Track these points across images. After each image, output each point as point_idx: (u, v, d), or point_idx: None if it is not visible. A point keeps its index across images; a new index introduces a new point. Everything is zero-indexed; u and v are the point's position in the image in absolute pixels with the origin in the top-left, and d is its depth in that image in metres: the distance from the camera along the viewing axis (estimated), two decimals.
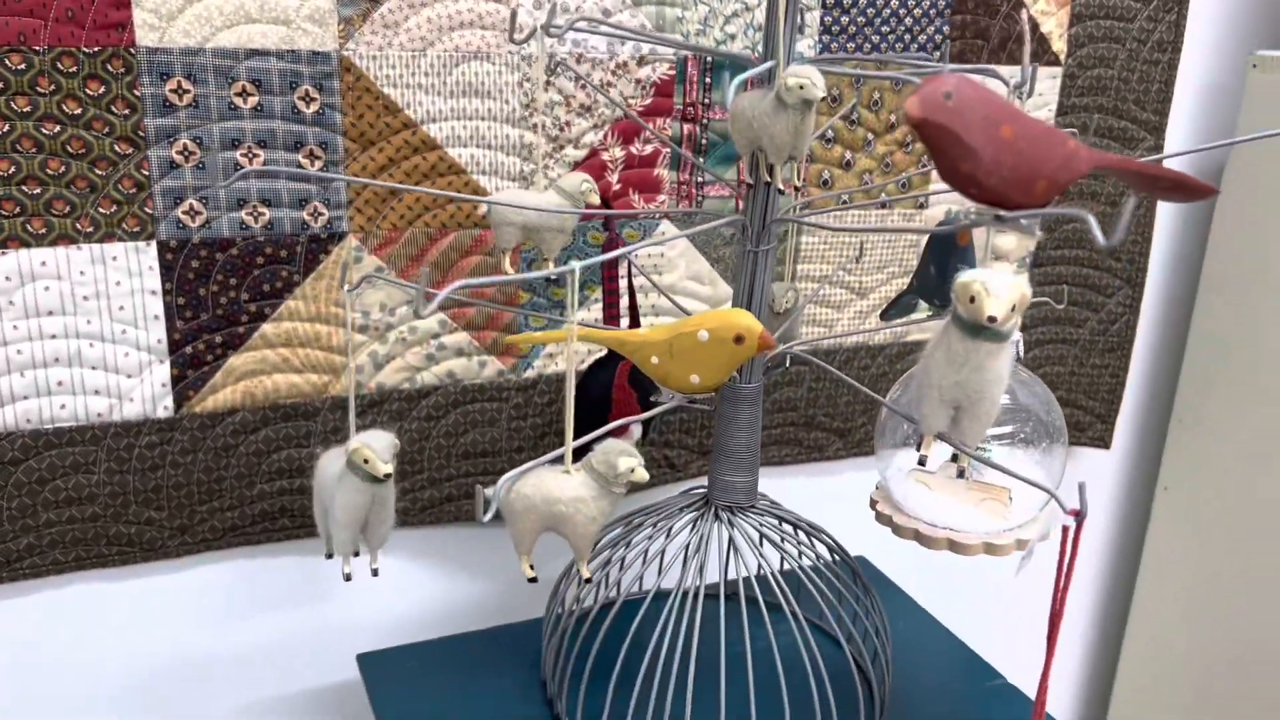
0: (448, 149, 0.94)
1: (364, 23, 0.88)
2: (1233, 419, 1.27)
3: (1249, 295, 1.23)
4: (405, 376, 0.98)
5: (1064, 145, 0.46)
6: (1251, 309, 1.23)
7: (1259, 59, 1.19)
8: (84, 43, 0.81)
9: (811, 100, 0.60)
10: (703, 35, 1.00)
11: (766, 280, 0.70)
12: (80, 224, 0.84)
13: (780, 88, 0.60)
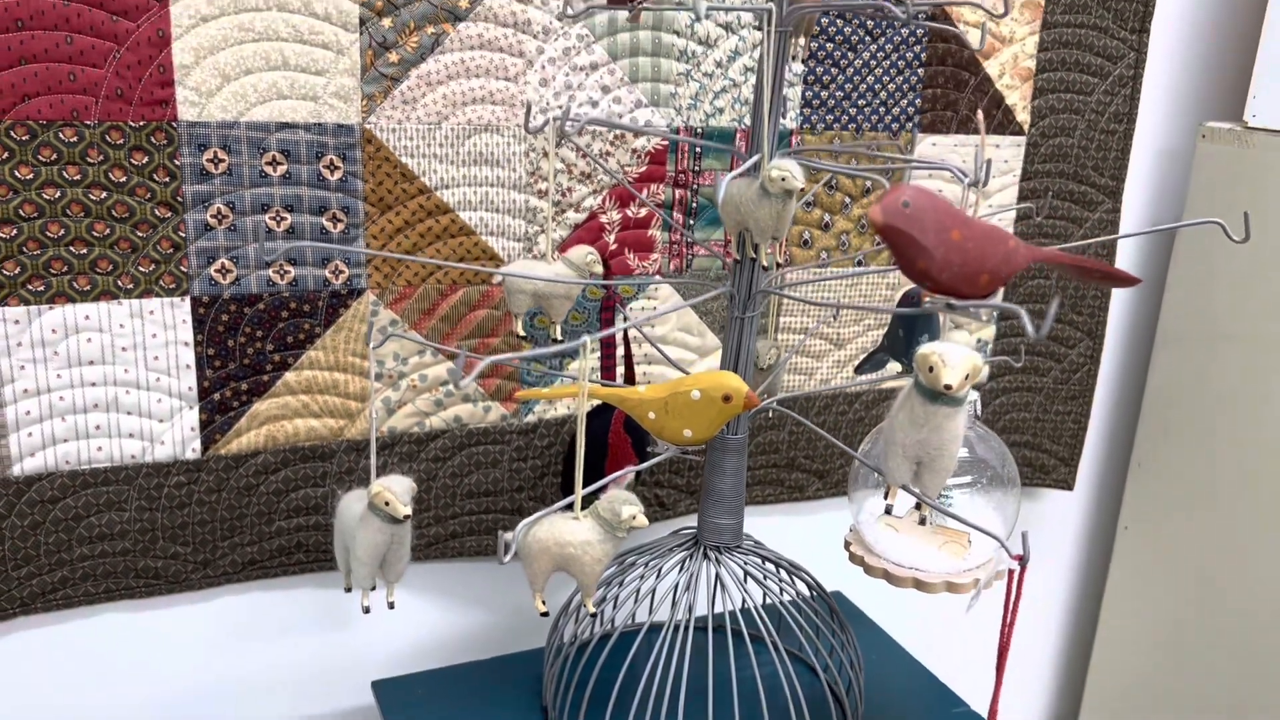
0: (459, 212, 1.02)
1: (385, 99, 0.96)
2: (1188, 463, 1.35)
3: (1202, 347, 1.32)
4: (415, 421, 1.06)
5: (1005, 244, 0.54)
6: (1204, 360, 1.32)
7: (1208, 130, 1.29)
8: (131, 118, 0.88)
9: (792, 190, 0.68)
10: (693, 109, 1.08)
11: (751, 341, 0.78)
12: (121, 281, 0.92)
13: (764, 178, 0.69)
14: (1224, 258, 1.28)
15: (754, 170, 0.70)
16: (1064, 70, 1.24)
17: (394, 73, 0.95)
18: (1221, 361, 1.30)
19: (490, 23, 0.98)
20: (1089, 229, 1.31)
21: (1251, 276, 1.25)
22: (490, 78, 0.99)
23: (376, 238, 0.99)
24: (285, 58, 0.92)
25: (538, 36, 1.00)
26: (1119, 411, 1.48)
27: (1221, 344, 1.30)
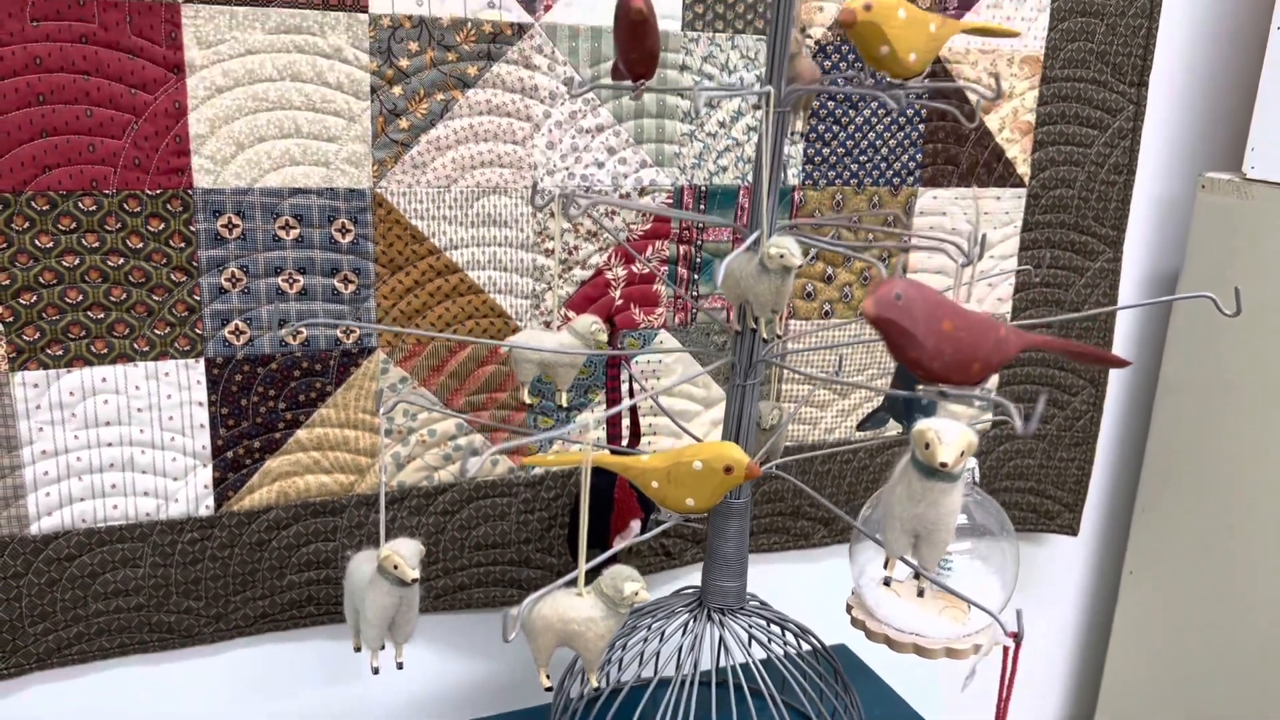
0: (468, 272, 1.04)
1: (395, 164, 0.98)
2: (1192, 508, 1.36)
3: (1204, 394, 1.33)
4: (424, 475, 1.07)
5: (995, 333, 0.56)
6: (1207, 406, 1.33)
7: (1207, 180, 1.30)
8: (148, 186, 0.91)
9: (790, 268, 0.70)
10: (698, 168, 1.10)
11: (753, 407, 0.79)
12: (138, 344, 0.94)
13: (764, 255, 0.70)
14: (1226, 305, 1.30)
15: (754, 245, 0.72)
16: (1064, 123, 1.26)
17: (404, 138, 0.98)
18: (1224, 408, 1.31)
19: (498, 89, 1.00)
20: (1090, 278, 1.32)
21: (1253, 325, 1.26)
22: (498, 142, 1.01)
23: (387, 297, 1.01)
24: (298, 125, 0.94)
25: (544, 101, 1.02)
26: (1122, 457, 1.49)
27: (1224, 391, 1.31)
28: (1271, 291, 1.24)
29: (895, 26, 0.66)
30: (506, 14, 0.98)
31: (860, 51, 0.68)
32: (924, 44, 0.68)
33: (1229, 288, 1.28)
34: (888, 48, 0.67)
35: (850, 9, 0.65)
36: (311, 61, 0.93)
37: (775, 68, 0.72)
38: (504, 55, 0.99)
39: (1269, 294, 1.24)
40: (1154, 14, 1.24)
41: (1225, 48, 1.38)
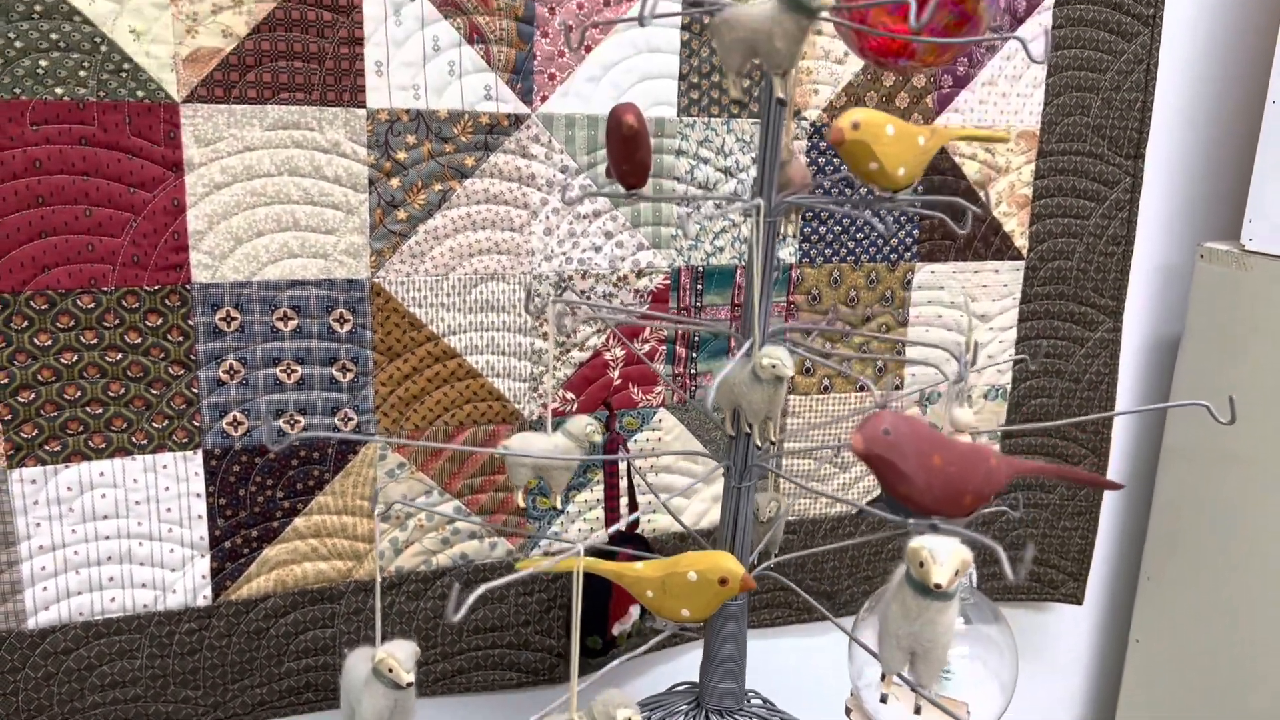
0: (466, 356, 1.04)
1: (393, 254, 0.99)
2: (1198, 576, 1.35)
3: (1207, 463, 1.32)
4: (422, 560, 1.07)
5: (986, 463, 0.56)
6: (1210, 475, 1.32)
7: (1206, 250, 1.30)
8: (146, 283, 0.91)
9: (783, 378, 0.70)
10: (694, 249, 1.11)
11: (749, 510, 0.79)
12: (135, 438, 0.94)
13: (756, 365, 0.70)
14: (1226, 375, 1.29)
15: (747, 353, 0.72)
16: (1061, 196, 1.26)
17: (402, 229, 0.98)
18: (1227, 476, 1.30)
19: (496, 178, 1.01)
20: (1090, 348, 1.32)
21: (1255, 395, 1.26)
22: (496, 229, 1.02)
23: (385, 384, 1.02)
24: (296, 219, 0.95)
25: (542, 189, 1.02)
26: (1127, 526, 1.48)
27: (1227, 460, 1.30)
28: (1273, 361, 1.23)
29: (884, 143, 0.67)
30: (503, 105, 0.99)
31: (850, 167, 0.68)
32: (913, 158, 0.68)
33: (1230, 356, 1.28)
34: (877, 164, 0.67)
35: (839, 127, 0.66)
36: (309, 156, 0.94)
37: (765, 178, 0.72)
38: (501, 145, 1.00)
39: (1270, 364, 1.24)
40: (1149, 88, 1.25)
41: (1222, 119, 1.38)
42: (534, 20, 0.98)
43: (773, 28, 0.62)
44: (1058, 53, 1.21)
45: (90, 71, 0.85)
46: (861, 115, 0.66)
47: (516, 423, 1.08)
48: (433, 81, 0.96)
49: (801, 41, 0.62)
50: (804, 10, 0.61)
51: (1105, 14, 1.22)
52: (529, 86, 1.00)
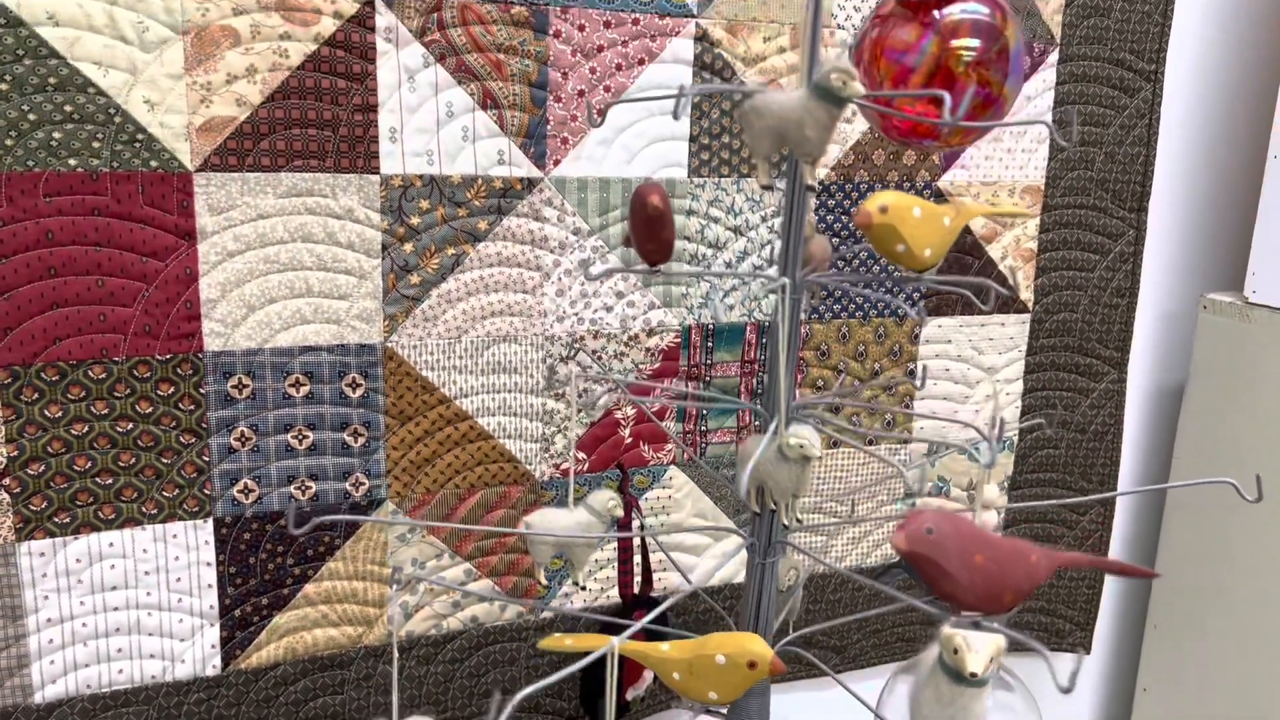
0: (478, 419, 1.03)
1: (406, 318, 0.98)
2: (1204, 624, 1.35)
3: (1213, 512, 1.33)
4: (432, 624, 1.06)
5: (1026, 560, 0.56)
6: (1216, 523, 1.32)
7: (1209, 301, 1.31)
8: (158, 351, 0.90)
9: (810, 457, 0.70)
10: (704, 307, 1.11)
11: (773, 587, 0.79)
12: (145, 507, 0.93)
13: (783, 444, 0.70)
14: (1231, 425, 1.30)
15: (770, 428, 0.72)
16: (1065, 249, 1.27)
17: (415, 293, 0.98)
18: (1233, 525, 1.30)
19: (509, 241, 1.00)
20: (1095, 399, 1.32)
21: (1259, 445, 1.26)
22: (509, 291, 1.01)
23: (397, 448, 1.01)
24: (309, 285, 0.94)
25: (554, 251, 1.02)
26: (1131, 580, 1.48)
27: (1230, 508, 1.30)
28: (1275, 412, 1.24)
29: (910, 226, 0.67)
30: (516, 169, 0.99)
31: (877, 249, 0.68)
32: (939, 239, 0.69)
33: (1234, 406, 1.29)
34: (904, 246, 0.67)
35: (866, 211, 0.66)
36: (323, 222, 0.93)
37: (790, 257, 0.72)
38: (514, 209, 1.00)
39: (1275, 415, 1.24)
40: (1151, 142, 1.26)
41: (1224, 173, 1.40)
42: (547, 85, 0.98)
43: (804, 116, 0.62)
44: (1060, 108, 1.22)
45: (104, 142, 0.85)
46: (889, 199, 0.66)
47: (528, 484, 1.07)
48: (446, 147, 0.96)
49: (832, 129, 0.62)
50: (835, 99, 0.61)
51: (1108, 70, 1.23)
52: (542, 150, 0.99)
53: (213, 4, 0.86)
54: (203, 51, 0.86)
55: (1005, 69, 0.67)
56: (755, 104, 0.63)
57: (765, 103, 0.63)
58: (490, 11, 0.95)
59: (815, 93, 0.61)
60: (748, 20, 1.04)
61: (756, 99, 0.63)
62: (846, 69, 0.60)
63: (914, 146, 0.71)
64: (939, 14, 0.66)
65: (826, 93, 0.61)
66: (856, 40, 0.72)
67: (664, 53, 1.02)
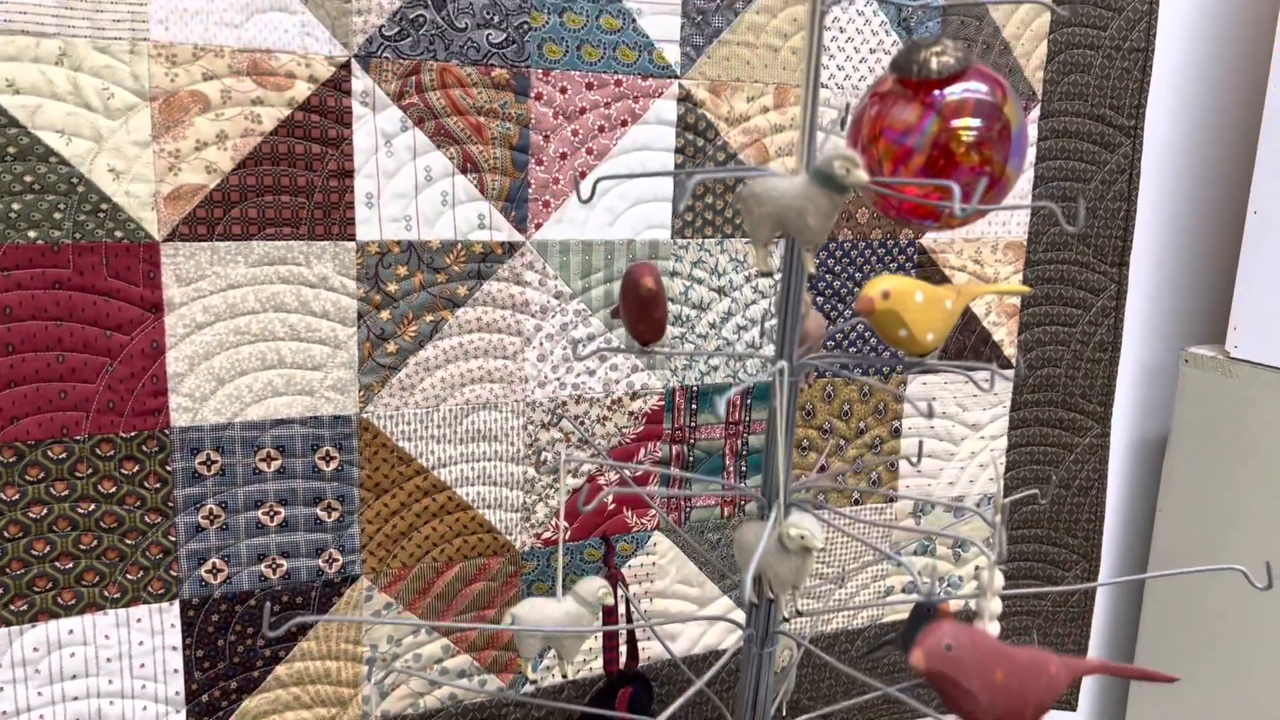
0: (456, 489, 1.00)
1: (383, 388, 0.95)
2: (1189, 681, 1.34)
3: (1194, 565, 1.32)
4: (409, 703, 1.02)
5: (1046, 672, 0.54)
6: (1199, 581, 1.31)
7: (1190, 355, 1.31)
8: (122, 429, 0.86)
9: (812, 549, 0.67)
10: (688, 369, 1.08)
11: (770, 676, 0.76)
12: (108, 591, 0.88)
13: (784, 535, 0.68)
14: (1215, 478, 1.29)
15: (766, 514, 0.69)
16: (1048, 305, 1.26)
17: (392, 362, 0.95)
18: (1216, 583, 1.30)
19: (489, 306, 0.97)
20: (1080, 454, 1.31)
21: (1239, 503, 1.26)
22: (488, 358, 0.98)
23: (372, 522, 0.97)
24: (281, 356, 0.90)
25: (535, 315, 0.99)
26: (1117, 632, 1.47)
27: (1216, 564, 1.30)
28: (1257, 470, 1.23)
29: (913, 311, 0.65)
30: (497, 234, 0.96)
31: (879, 333, 0.66)
32: (941, 322, 0.67)
33: (1218, 459, 1.28)
34: (906, 331, 0.65)
35: (868, 297, 0.64)
36: (296, 291, 0.90)
37: (787, 340, 0.70)
38: (494, 273, 0.97)
39: (1255, 473, 1.24)
40: (1132, 197, 1.26)
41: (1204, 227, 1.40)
42: (529, 148, 0.96)
43: (805, 204, 0.60)
44: (1042, 164, 1.22)
45: (66, 213, 0.81)
46: (891, 284, 0.64)
47: (508, 554, 1.03)
48: (425, 212, 0.93)
49: (834, 216, 0.60)
50: (838, 187, 0.59)
51: (1088, 126, 1.22)
52: (523, 214, 0.97)
53: (182, 69, 0.83)
54: (171, 118, 0.83)
55: (1007, 149, 0.66)
56: (754, 190, 0.61)
57: (765, 189, 0.61)
58: (470, 74, 0.92)
59: (817, 179, 0.59)
60: (731, 81, 1.03)
61: (755, 185, 0.61)
62: (850, 156, 0.58)
63: (912, 225, 0.70)
64: (940, 94, 0.64)
65: (829, 180, 0.59)
66: (853, 116, 0.70)
67: (647, 114, 1.00)
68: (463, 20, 0.91)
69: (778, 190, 0.61)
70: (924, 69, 0.64)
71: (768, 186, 0.61)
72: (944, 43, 0.65)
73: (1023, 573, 1.32)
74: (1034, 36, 1.17)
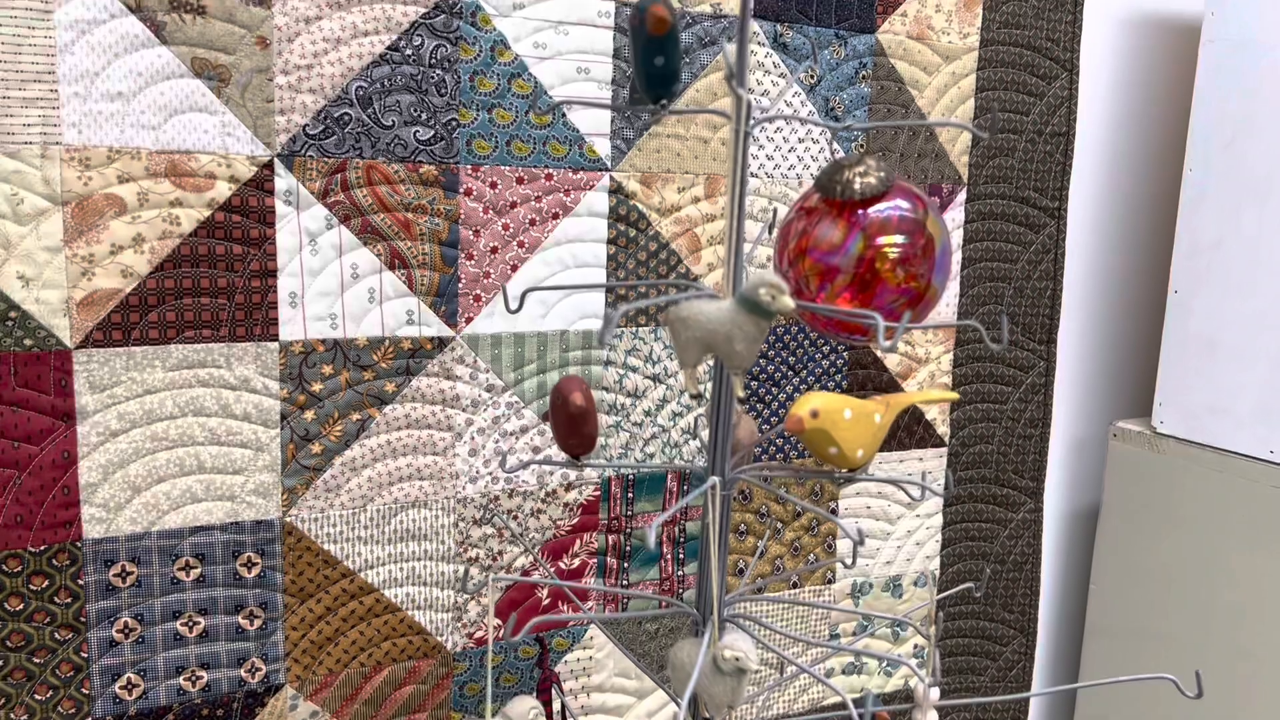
0: (384, 590, 0.97)
1: (307, 490, 0.92)
2: None
3: (1128, 636, 1.33)
4: None
5: None
6: (1131, 648, 1.32)
7: (1119, 430, 1.33)
8: (31, 544, 0.82)
9: (746, 670, 0.66)
10: (624, 458, 1.07)
11: None
12: (15, 713, 0.84)
13: (718, 656, 0.66)
14: (1146, 549, 1.31)
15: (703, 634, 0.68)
16: (979, 383, 1.27)
17: (316, 463, 0.92)
18: (1147, 649, 1.31)
19: (418, 402, 0.95)
20: (1014, 529, 1.32)
21: (1171, 572, 1.27)
22: (418, 454, 0.96)
23: (296, 628, 0.94)
24: (201, 461, 0.88)
25: (466, 409, 0.98)
26: (1055, 704, 1.48)
27: (1148, 637, 1.31)
28: (1186, 544, 1.25)
29: (842, 429, 0.65)
30: (427, 329, 0.95)
31: (810, 450, 0.65)
32: (870, 437, 0.67)
33: (1148, 530, 1.30)
34: (836, 449, 0.65)
35: (797, 417, 0.63)
36: (216, 394, 0.87)
37: (718, 454, 0.69)
38: (424, 369, 0.95)
39: (1184, 546, 1.26)
40: (1057, 275, 1.28)
41: (1128, 305, 1.43)
42: (459, 243, 0.94)
43: (732, 330, 0.59)
44: (969, 245, 1.24)
45: None
46: (819, 402, 0.64)
47: (439, 656, 1.01)
48: (351, 309, 0.91)
49: (761, 341, 0.60)
50: (764, 313, 0.59)
51: (1014, 208, 1.25)
52: (453, 309, 0.95)
53: (96, 172, 0.80)
54: (85, 222, 0.80)
55: (931, 263, 0.66)
56: (682, 314, 0.60)
57: (692, 313, 0.60)
58: (398, 171, 0.91)
59: (744, 306, 0.59)
60: (661, 172, 1.03)
61: (683, 309, 0.61)
62: (776, 283, 0.58)
63: (841, 340, 0.70)
64: (863, 213, 0.65)
65: (756, 306, 0.58)
66: (780, 227, 0.70)
67: (579, 206, 1.00)
68: (389, 118, 0.90)
69: (705, 315, 0.60)
70: (847, 190, 0.64)
71: (695, 311, 0.60)
72: (866, 162, 0.65)
73: (960, 649, 1.32)
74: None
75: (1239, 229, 1.20)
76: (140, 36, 0.80)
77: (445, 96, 0.91)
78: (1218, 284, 1.22)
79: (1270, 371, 1.18)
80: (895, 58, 1.14)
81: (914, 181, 1.18)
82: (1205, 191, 1.23)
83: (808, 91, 1.10)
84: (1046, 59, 1.23)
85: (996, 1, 1.19)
